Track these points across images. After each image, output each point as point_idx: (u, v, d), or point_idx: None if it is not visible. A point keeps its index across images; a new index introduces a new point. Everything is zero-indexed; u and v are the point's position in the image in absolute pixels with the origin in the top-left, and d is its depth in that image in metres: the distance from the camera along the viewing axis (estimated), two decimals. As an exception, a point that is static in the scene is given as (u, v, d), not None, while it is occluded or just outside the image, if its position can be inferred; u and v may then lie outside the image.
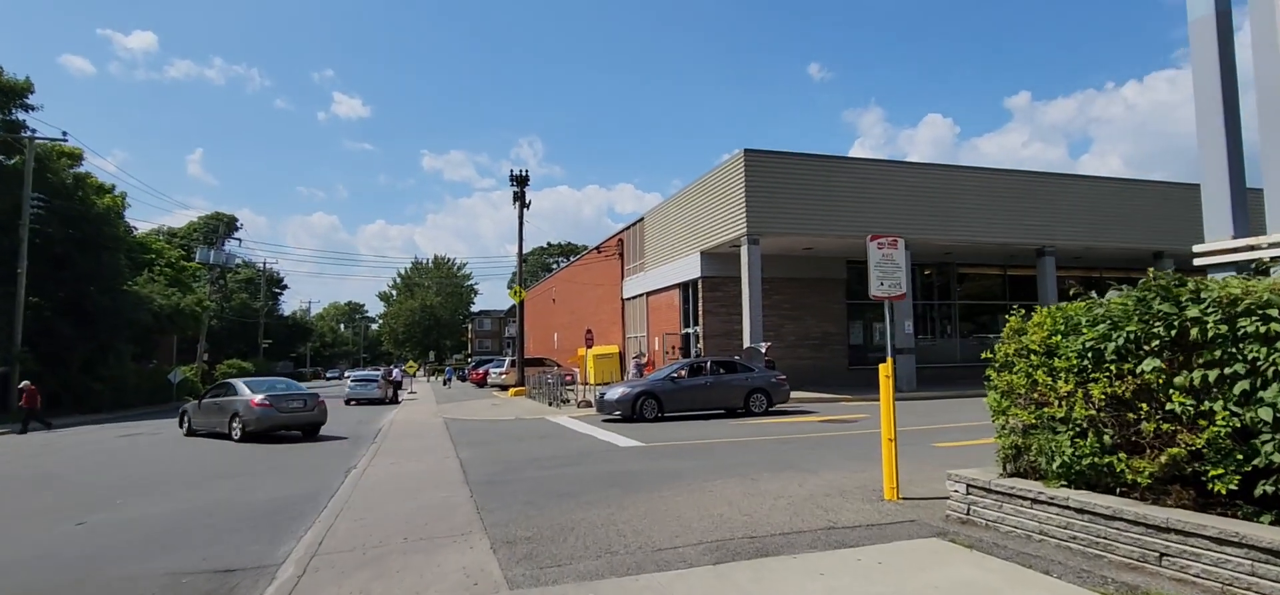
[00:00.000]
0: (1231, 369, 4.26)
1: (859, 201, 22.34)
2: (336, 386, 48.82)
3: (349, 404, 29.77)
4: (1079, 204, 25.48)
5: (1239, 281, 4.51)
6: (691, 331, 26.00)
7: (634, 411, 16.26)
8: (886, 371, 7.12)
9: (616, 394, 16.90)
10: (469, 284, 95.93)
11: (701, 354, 23.40)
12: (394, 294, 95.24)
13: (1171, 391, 4.57)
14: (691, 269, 25.21)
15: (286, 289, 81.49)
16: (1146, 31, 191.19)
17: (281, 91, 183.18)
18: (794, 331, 25.94)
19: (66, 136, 30.92)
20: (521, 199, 33.32)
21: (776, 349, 22.90)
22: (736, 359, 18.99)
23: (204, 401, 17.25)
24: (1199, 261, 5.79)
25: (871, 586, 4.53)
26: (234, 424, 15.59)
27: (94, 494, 9.67)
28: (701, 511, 6.74)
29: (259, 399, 15.54)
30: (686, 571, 4.95)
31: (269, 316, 72.46)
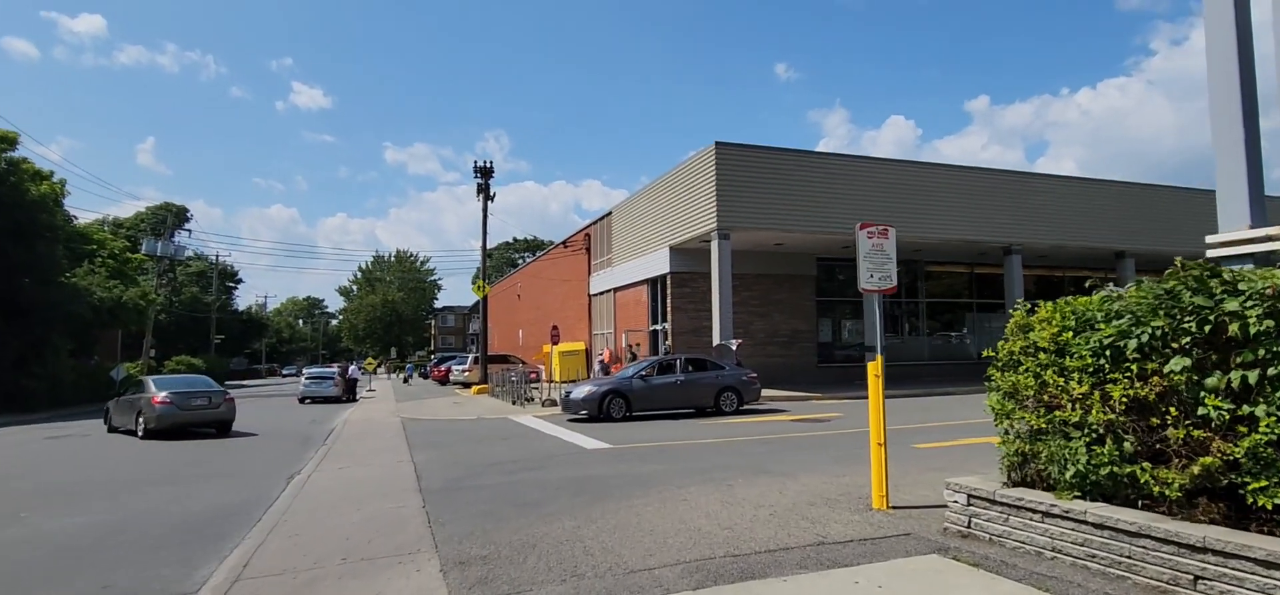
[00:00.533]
0: (1276, 370, 3.80)
1: (830, 197, 22.03)
2: (292, 384, 47.14)
3: (303, 402, 28.55)
4: (1046, 202, 25.60)
5: (1269, 273, 4.07)
6: (660, 328, 25.43)
7: (601, 410, 15.65)
8: (876, 370, 6.64)
9: (582, 392, 16.27)
10: (432, 279, 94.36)
11: (670, 351, 22.84)
12: (355, 289, 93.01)
13: (1203, 394, 4.12)
14: (660, 264, 24.65)
15: (241, 283, 79.15)
16: (1100, 38, 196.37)
17: (238, 80, 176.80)
18: (763, 329, 25.56)
19: (-3, 118, 29.16)
20: (485, 191, 32.44)
21: (746, 347, 22.48)
22: (707, 357, 18.48)
23: (121, 400, 17.58)
24: (1212, 252, 5.39)
25: (875, 616, 3.97)
26: (139, 421, 15.79)
27: (-2, 505, 8.68)
28: (677, 524, 6.15)
29: (161, 396, 15.66)
30: (664, 599, 4.35)
31: (222, 311, 70.01)
